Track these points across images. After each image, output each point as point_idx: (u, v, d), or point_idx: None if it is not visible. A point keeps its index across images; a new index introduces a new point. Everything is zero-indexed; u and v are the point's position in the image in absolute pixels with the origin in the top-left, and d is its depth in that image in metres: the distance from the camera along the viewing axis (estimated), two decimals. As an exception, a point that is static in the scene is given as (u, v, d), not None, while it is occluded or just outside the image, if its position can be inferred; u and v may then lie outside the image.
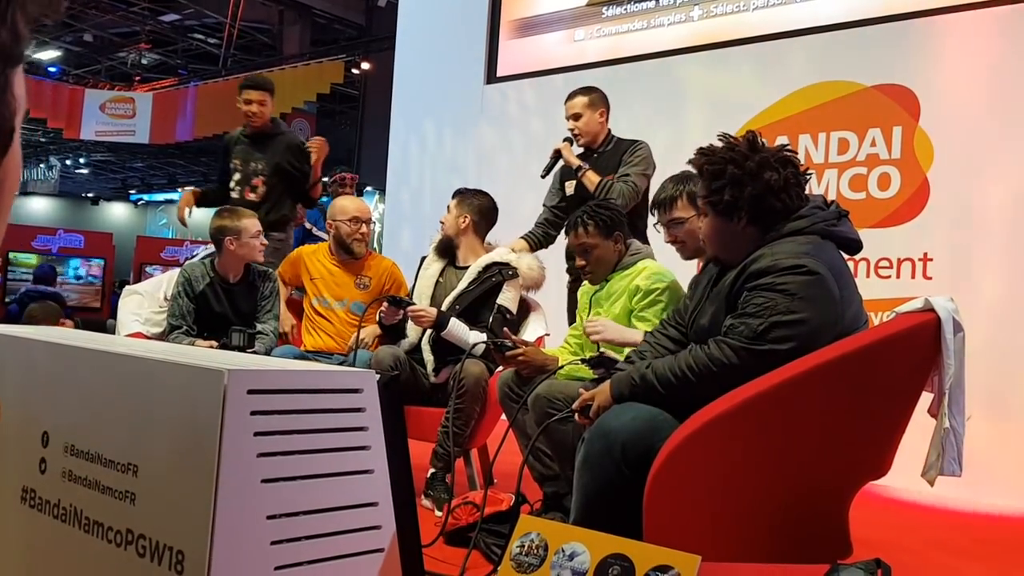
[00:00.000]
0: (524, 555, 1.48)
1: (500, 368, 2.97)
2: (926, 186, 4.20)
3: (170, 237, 14.85)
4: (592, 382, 2.26)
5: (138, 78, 14.82)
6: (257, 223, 3.58)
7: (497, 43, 6.13)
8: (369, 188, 11.91)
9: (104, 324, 7.81)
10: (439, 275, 3.41)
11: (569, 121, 3.68)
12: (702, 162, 2.05)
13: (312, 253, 3.75)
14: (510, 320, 3.25)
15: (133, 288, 3.79)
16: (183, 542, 1.23)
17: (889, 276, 4.24)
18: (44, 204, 20.41)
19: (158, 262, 11.05)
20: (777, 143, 2.25)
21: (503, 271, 3.26)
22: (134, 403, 1.38)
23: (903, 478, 2.16)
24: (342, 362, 3.35)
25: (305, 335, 3.65)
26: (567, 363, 2.68)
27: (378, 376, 1.45)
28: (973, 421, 2.05)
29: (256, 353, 3.30)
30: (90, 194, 21.96)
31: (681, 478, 1.80)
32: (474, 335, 3.12)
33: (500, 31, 6.13)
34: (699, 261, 2.64)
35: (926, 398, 1.96)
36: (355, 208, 3.66)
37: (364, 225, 3.64)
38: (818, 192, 4.39)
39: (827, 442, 1.89)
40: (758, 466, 1.86)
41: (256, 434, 1.25)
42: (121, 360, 1.44)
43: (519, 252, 3.42)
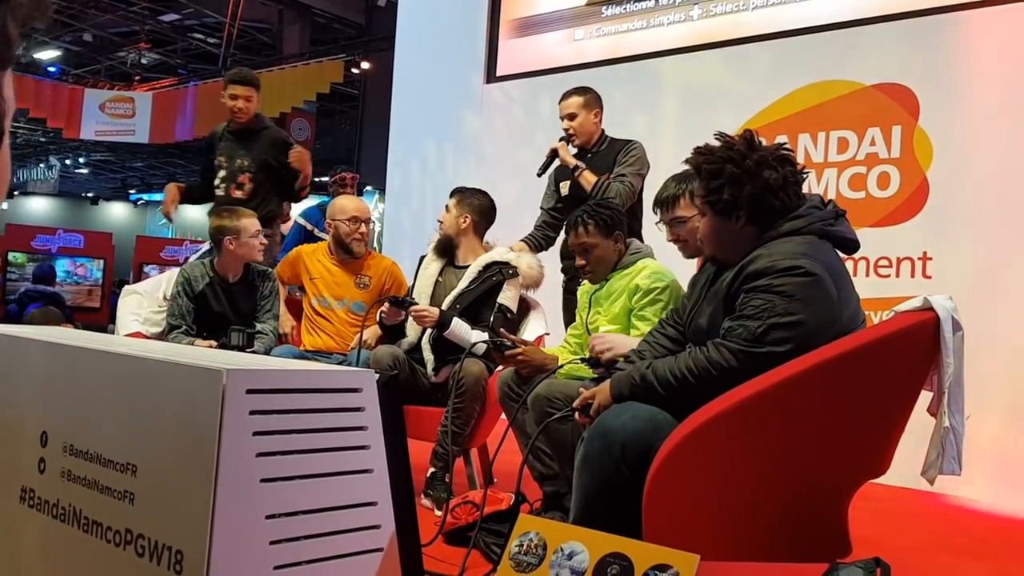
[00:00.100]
0: (523, 554, 1.48)
1: (500, 367, 2.97)
2: (925, 185, 4.20)
3: (169, 237, 14.83)
4: (592, 381, 2.26)
5: (138, 78, 14.82)
6: (256, 223, 3.58)
7: (496, 42, 6.13)
8: (369, 187, 11.90)
9: (105, 329, 7.80)
10: (438, 274, 3.41)
11: (564, 121, 3.69)
12: (700, 161, 2.04)
13: (312, 253, 3.74)
14: (511, 319, 3.25)
15: (132, 288, 3.79)
16: (182, 542, 1.23)
17: (888, 275, 4.24)
18: (44, 204, 20.41)
19: (158, 262, 11.04)
20: (776, 142, 2.24)
21: (503, 270, 3.26)
22: (133, 403, 1.38)
23: (903, 477, 2.16)
24: (341, 362, 3.35)
25: (305, 335, 3.65)
26: (567, 362, 2.68)
27: (377, 376, 1.45)
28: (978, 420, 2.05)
29: (255, 353, 3.30)
30: (90, 194, 21.96)
31: (680, 477, 1.80)
32: (476, 334, 3.12)
33: (500, 30, 6.13)
34: (699, 260, 2.64)
35: (925, 397, 1.96)
36: (354, 208, 3.66)
37: (363, 225, 3.64)
38: (817, 191, 4.40)
39: (826, 441, 1.89)
40: (757, 465, 1.86)
41: (255, 434, 1.25)
42: (120, 360, 1.44)
43: (518, 252, 3.42)
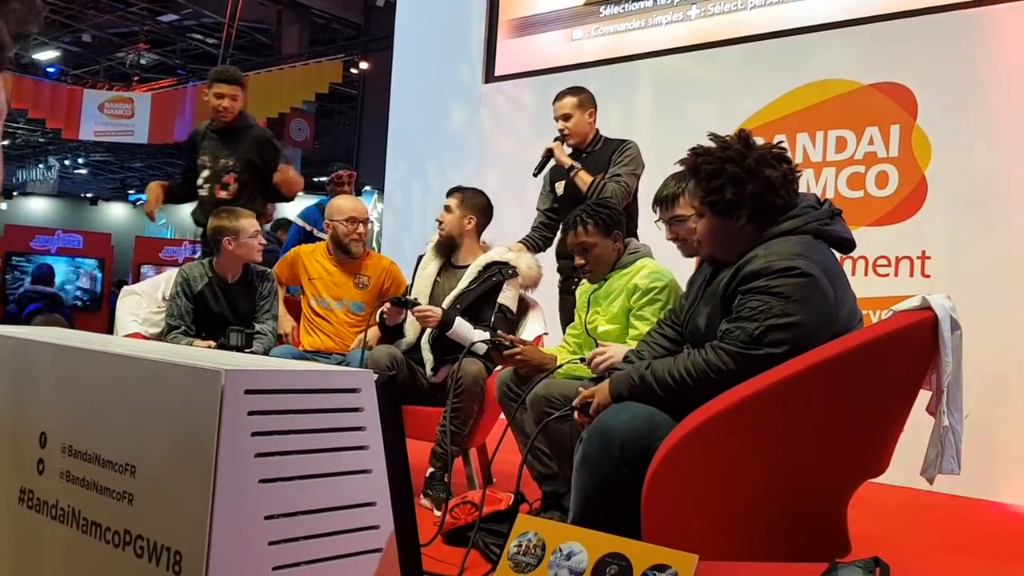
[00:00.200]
0: (521, 555, 1.48)
1: (498, 367, 2.97)
2: (924, 184, 4.20)
3: (168, 237, 14.82)
4: (591, 381, 2.26)
5: (137, 78, 14.82)
6: (255, 223, 3.58)
7: (495, 42, 6.13)
8: (368, 187, 11.89)
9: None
10: (436, 274, 3.41)
11: (558, 121, 3.68)
12: (699, 162, 2.02)
13: (310, 253, 3.74)
14: (511, 319, 3.25)
15: (131, 288, 3.78)
16: (181, 542, 1.23)
17: (887, 274, 4.24)
18: (43, 204, 20.37)
19: (157, 262, 11.02)
20: (774, 141, 2.24)
21: (503, 270, 3.27)
22: (132, 403, 1.38)
23: (902, 476, 2.16)
24: (340, 362, 3.35)
25: (304, 335, 3.64)
26: (565, 362, 2.68)
27: (376, 376, 1.45)
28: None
29: (254, 353, 3.30)
30: (89, 194, 21.92)
31: (679, 477, 1.80)
32: (478, 334, 3.13)
33: (498, 30, 6.13)
34: (697, 259, 2.64)
35: (924, 396, 1.96)
36: (352, 208, 3.65)
37: (361, 225, 3.63)
38: (816, 191, 4.40)
39: (824, 440, 1.89)
40: (756, 465, 1.86)
41: (254, 434, 1.25)
42: (119, 360, 1.45)
43: (516, 251, 3.42)
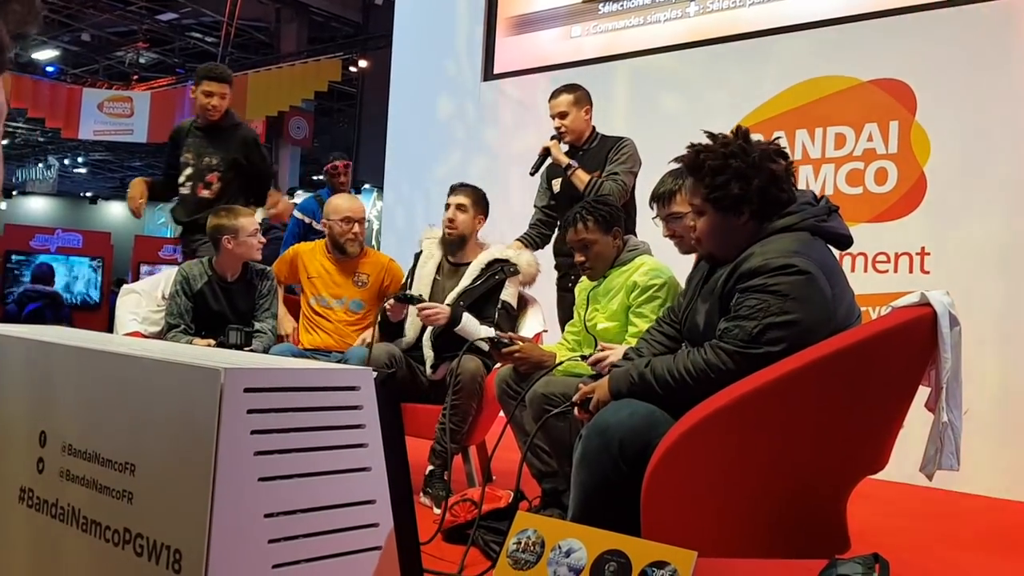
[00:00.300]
0: (521, 552, 1.48)
1: (497, 364, 2.97)
2: (923, 180, 4.20)
3: (168, 236, 14.81)
4: (590, 378, 2.26)
5: (136, 77, 14.82)
6: (255, 221, 3.58)
7: (494, 40, 6.13)
8: (367, 185, 11.89)
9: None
10: (436, 271, 3.41)
11: (555, 120, 3.68)
12: (701, 158, 2.00)
13: (309, 252, 3.74)
14: (513, 316, 3.27)
15: (131, 287, 3.78)
16: (181, 541, 1.23)
17: (887, 271, 4.24)
18: (42, 204, 20.35)
19: (156, 261, 11.01)
20: (773, 138, 2.24)
21: (505, 268, 3.28)
22: (131, 402, 1.38)
23: (901, 472, 2.17)
24: (340, 360, 3.35)
25: (303, 333, 3.64)
26: (565, 359, 2.68)
27: (375, 373, 1.45)
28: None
29: (254, 351, 3.30)
30: (88, 193, 21.91)
31: (678, 474, 1.80)
32: (484, 330, 3.14)
33: (497, 28, 6.13)
34: (695, 256, 2.64)
35: (923, 393, 1.96)
36: (347, 208, 3.65)
37: (356, 225, 3.63)
38: (815, 187, 4.40)
39: (824, 437, 1.89)
40: (755, 461, 1.86)
41: (253, 432, 1.25)
42: (118, 359, 1.44)
43: (516, 249, 3.44)
